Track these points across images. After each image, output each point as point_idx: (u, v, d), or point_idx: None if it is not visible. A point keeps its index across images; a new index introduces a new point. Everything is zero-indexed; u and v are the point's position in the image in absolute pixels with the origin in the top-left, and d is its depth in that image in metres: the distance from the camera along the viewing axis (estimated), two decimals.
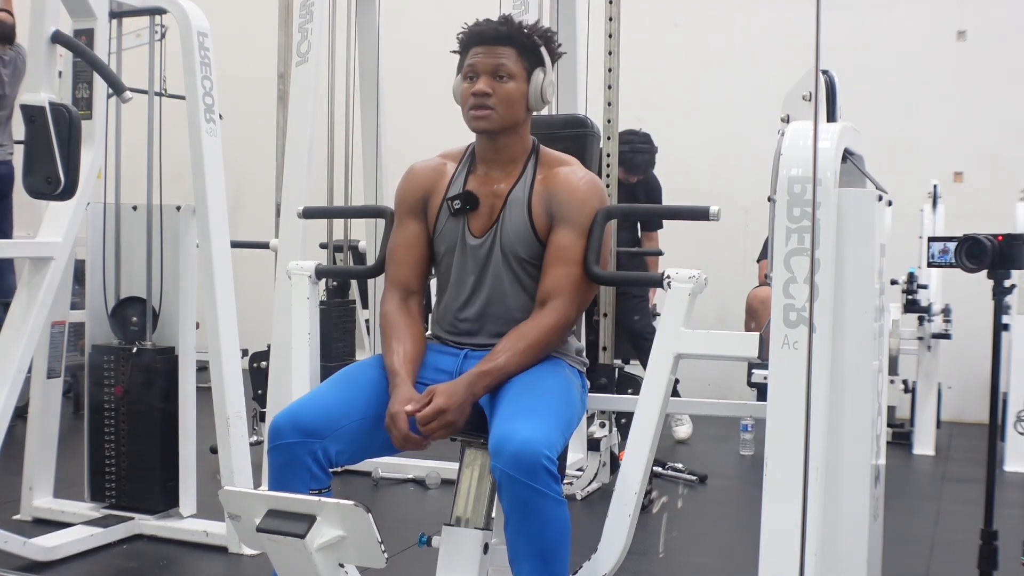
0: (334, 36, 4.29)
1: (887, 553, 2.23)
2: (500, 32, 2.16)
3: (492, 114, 2.15)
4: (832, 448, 1.95)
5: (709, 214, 2.06)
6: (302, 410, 2.03)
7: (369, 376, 2.17)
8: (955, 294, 5.35)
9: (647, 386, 2.07)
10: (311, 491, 1.98)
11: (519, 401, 2.01)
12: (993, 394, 2.54)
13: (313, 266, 2.36)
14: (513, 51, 2.16)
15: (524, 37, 2.17)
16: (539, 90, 2.18)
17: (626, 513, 2.03)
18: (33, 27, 2.82)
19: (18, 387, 2.82)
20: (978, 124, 6.15)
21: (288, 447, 1.99)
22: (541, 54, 2.19)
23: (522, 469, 1.85)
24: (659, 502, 3.91)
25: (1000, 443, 4.64)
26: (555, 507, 1.89)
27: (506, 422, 1.94)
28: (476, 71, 2.16)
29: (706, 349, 2.10)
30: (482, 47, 2.16)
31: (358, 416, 2.06)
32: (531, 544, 1.91)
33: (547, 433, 1.91)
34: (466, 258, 2.23)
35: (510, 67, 2.15)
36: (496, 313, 2.22)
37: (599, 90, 4.16)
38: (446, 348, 2.26)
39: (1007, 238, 2.42)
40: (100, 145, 3.03)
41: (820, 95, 2.17)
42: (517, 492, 1.87)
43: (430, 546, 2.14)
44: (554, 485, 1.88)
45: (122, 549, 3.23)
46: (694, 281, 2.05)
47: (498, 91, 2.14)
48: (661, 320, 2.08)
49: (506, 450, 1.87)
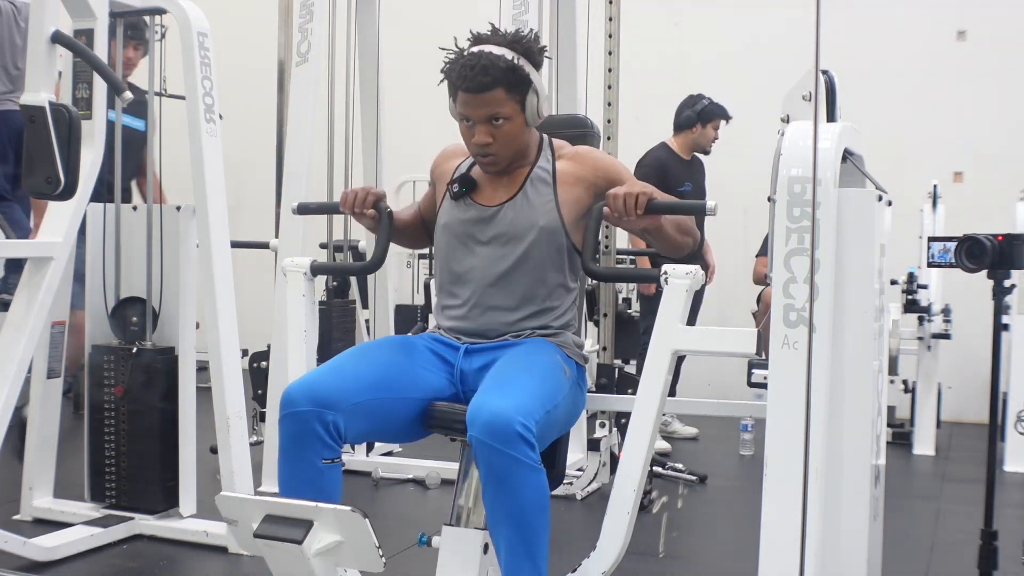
0: (334, 36, 4.29)
1: (887, 553, 2.23)
2: (484, 83, 2.13)
3: (496, 158, 2.23)
4: (832, 448, 1.95)
5: (706, 209, 2.06)
6: (317, 381, 2.03)
7: (386, 355, 2.18)
8: (955, 294, 5.35)
9: (644, 383, 2.07)
10: (323, 460, 1.98)
11: (498, 377, 2.04)
12: (993, 394, 2.54)
13: (308, 263, 2.35)
14: (502, 91, 2.15)
15: (509, 75, 2.14)
16: (535, 112, 2.21)
17: (624, 511, 2.03)
18: (33, 27, 2.81)
19: (18, 387, 2.82)
20: (978, 124, 6.15)
21: (301, 415, 1.98)
22: (527, 76, 2.17)
23: (495, 435, 1.86)
24: (659, 502, 3.91)
25: (1000, 443, 4.64)
26: (530, 474, 1.89)
27: (482, 394, 1.97)
28: (471, 119, 2.19)
29: (704, 346, 2.10)
30: (469, 95, 2.16)
31: (372, 394, 2.06)
32: (507, 510, 1.92)
33: (522, 402, 1.92)
34: (469, 227, 2.27)
35: (503, 111, 2.17)
36: (488, 297, 2.25)
37: (599, 90, 4.16)
38: (446, 340, 2.28)
39: (1007, 238, 2.42)
40: (100, 145, 3.03)
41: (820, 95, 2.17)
42: (491, 459, 1.88)
43: (430, 546, 2.14)
44: (529, 452, 1.88)
45: (122, 549, 3.23)
46: (691, 277, 2.04)
47: (498, 136, 2.19)
48: (658, 317, 2.07)
49: (479, 418, 1.89)
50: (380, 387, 2.08)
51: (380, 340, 2.29)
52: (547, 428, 2.02)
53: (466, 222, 2.27)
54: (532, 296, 2.23)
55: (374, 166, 4.47)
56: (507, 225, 2.24)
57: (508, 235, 2.23)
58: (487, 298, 2.25)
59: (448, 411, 2.14)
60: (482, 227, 2.26)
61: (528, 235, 2.22)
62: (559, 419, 2.10)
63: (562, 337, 2.25)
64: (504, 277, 2.23)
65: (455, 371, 2.21)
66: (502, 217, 2.25)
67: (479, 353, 2.21)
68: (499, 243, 2.24)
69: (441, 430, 2.17)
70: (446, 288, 2.32)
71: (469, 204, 2.28)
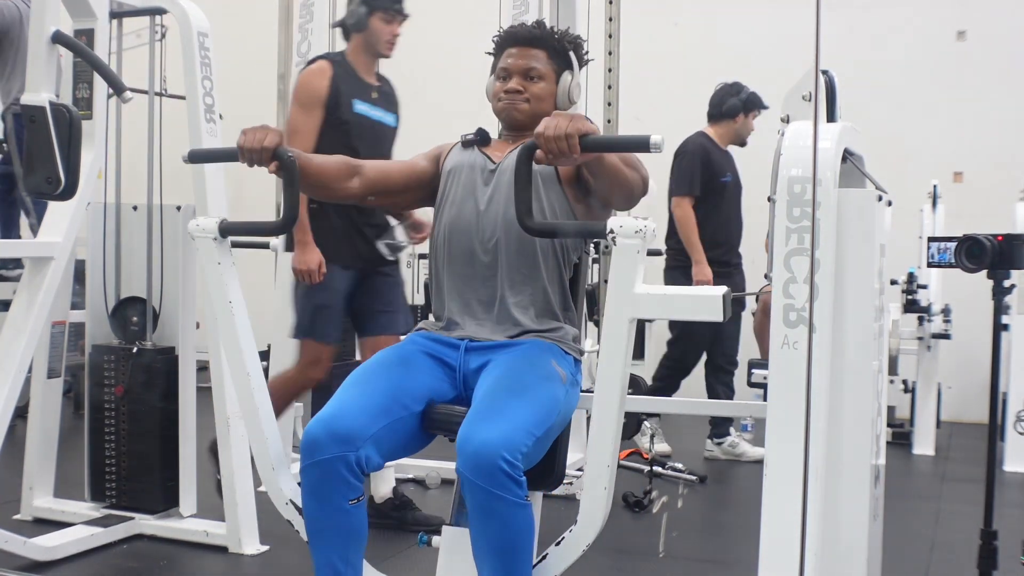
0: (334, 36, 4.29)
1: (887, 553, 2.23)
2: (534, 35, 2.31)
3: (523, 105, 2.28)
4: (832, 448, 1.95)
5: (650, 144, 1.80)
6: (337, 419, 1.99)
7: (387, 375, 2.15)
8: (955, 294, 5.35)
9: (604, 356, 1.92)
10: (350, 502, 1.97)
11: (489, 400, 2.00)
12: (993, 394, 2.54)
13: (216, 223, 2.12)
14: (544, 53, 2.31)
15: (555, 41, 2.32)
16: (567, 91, 2.32)
17: (600, 485, 1.96)
18: (33, 27, 2.82)
19: (18, 387, 2.82)
20: (978, 124, 6.15)
21: (326, 463, 1.95)
22: (570, 58, 2.34)
23: (479, 472, 1.85)
24: (659, 502, 3.91)
25: (1000, 443, 4.64)
26: (514, 511, 1.88)
27: (470, 423, 1.94)
28: (509, 72, 2.30)
29: (665, 311, 1.92)
30: (516, 48, 2.31)
31: (385, 419, 2.04)
32: (491, 544, 1.92)
33: (510, 435, 1.89)
34: (475, 173, 2.27)
35: (541, 69, 2.29)
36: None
37: (599, 90, 4.16)
38: (444, 338, 2.25)
39: (1007, 238, 2.42)
40: (100, 145, 3.03)
41: (820, 95, 2.17)
42: (476, 494, 1.88)
43: (430, 546, 2.14)
44: (514, 489, 1.87)
45: (122, 549, 3.23)
46: (641, 236, 1.80)
47: (529, 89, 2.29)
48: (610, 282, 1.89)
49: (466, 450, 1.88)
50: (390, 410, 2.06)
51: (377, 359, 2.24)
52: (539, 447, 2.01)
53: (473, 167, 2.29)
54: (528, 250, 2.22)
55: None
56: (507, 169, 2.23)
57: (507, 173, 2.21)
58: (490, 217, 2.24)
59: (447, 413, 2.12)
60: (486, 175, 2.27)
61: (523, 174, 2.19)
62: (552, 432, 2.09)
63: (560, 332, 2.24)
64: (499, 206, 2.22)
65: (458, 374, 2.20)
66: (504, 165, 2.26)
67: (478, 352, 2.20)
68: (497, 183, 2.24)
69: (441, 431, 2.16)
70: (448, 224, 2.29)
71: (478, 153, 2.32)
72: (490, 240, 2.22)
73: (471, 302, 2.25)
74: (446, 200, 2.30)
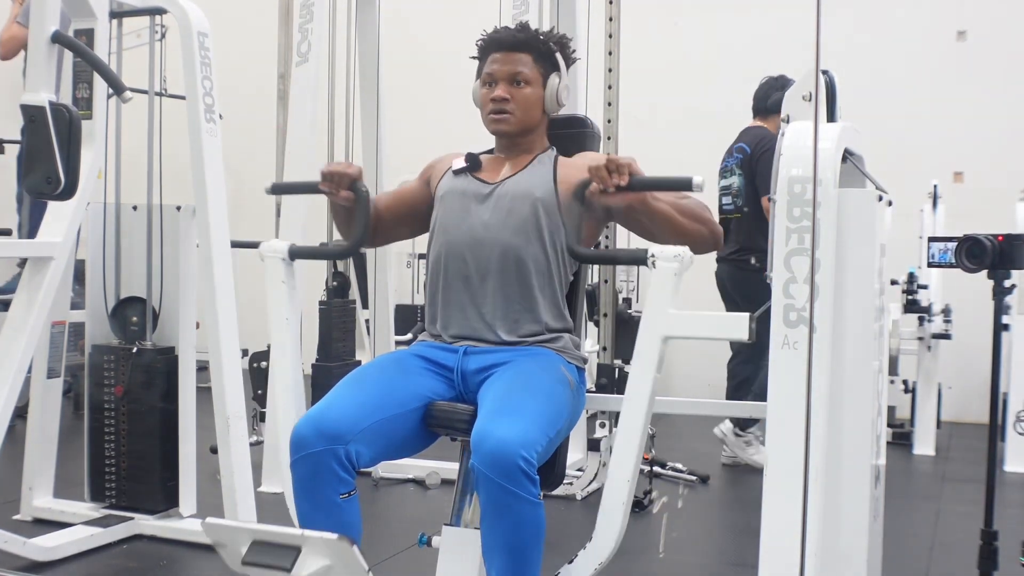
0: (334, 36, 4.29)
1: (887, 553, 2.23)
2: (517, 39, 2.29)
3: (511, 117, 2.27)
4: (832, 448, 1.95)
5: (692, 185, 2.00)
6: (324, 415, 2.01)
7: (382, 375, 2.17)
8: (955, 294, 5.35)
9: (635, 371, 2.00)
10: (340, 495, 1.98)
11: (505, 399, 2.01)
12: (993, 394, 2.54)
13: (286, 247, 2.28)
14: (530, 57, 2.29)
15: (540, 43, 2.30)
16: (555, 94, 2.31)
17: (619, 502, 1.99)
18: (33, 27, 2.81)
19: (18, 387, 2.82)
20: (978, 124, 6.15)
21: (314, 456, 1.97)
22: (556, 60, 2.32)
23: (497, 469, 1.86)
24: (659, 502, 3.91)
25: (1000, 443, 4.64)
26: (529, 509, 1.89)
27: (487, 419, 1.95)
28: (495, 78, 2.28)
29: (695, 331, 2.02)
30: (500, 53, 2.29)
31: (377, 416, 2.05)
32: (503, 541, 1.92)
33: (526, 433, 1.90)
34: (468, 199, 2.28)
35: (527, 73, 2.28)
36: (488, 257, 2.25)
37: (599, 90, 4.17)
38: (442, 345, 2.26)
39: (1007, 238, 2.42)
40: (100, 145, 3.03)
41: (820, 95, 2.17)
42: (492, 491, 1.88)
43: (430, 546, 2.14)
44: (530, 487, 1.88)
45: (122, 549, 3.23)
46: (679, 260, 1.97)
47: (516, 96, 2.27)
48: (647, 302, 2.02)
49: (483, 448, 1.88)
50: (383, 407, 2.07)
51: (374, 362, 2.27)
52: (549, 448, 2.03)
53: (466, 193, 2.29)
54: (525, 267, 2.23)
55: (374, 166, 4.47)
56: (504, 194, 2.25)
57: (506, 198, 2.24)
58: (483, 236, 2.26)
59: (449, 411, 2.13)
60: (480, 198, 2.27)
61: (524, 204, 2.23)
62: (561, 435, 2.11)
63: (561, 342, 2.25)
64: (494, 225, 2.24)
65: (455, 373, 2.20)
66: (501, 190, 2.27)
67: (478, 355, 2.21)
68: (495, 207, 2.25)
69: (442, 430, 2.16)
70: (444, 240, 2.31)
71: (470, 179, 2.31)
72: (486, 263, 2.23)
73: (471, 320, 2.25)
74: (440, 225, 2.31)
